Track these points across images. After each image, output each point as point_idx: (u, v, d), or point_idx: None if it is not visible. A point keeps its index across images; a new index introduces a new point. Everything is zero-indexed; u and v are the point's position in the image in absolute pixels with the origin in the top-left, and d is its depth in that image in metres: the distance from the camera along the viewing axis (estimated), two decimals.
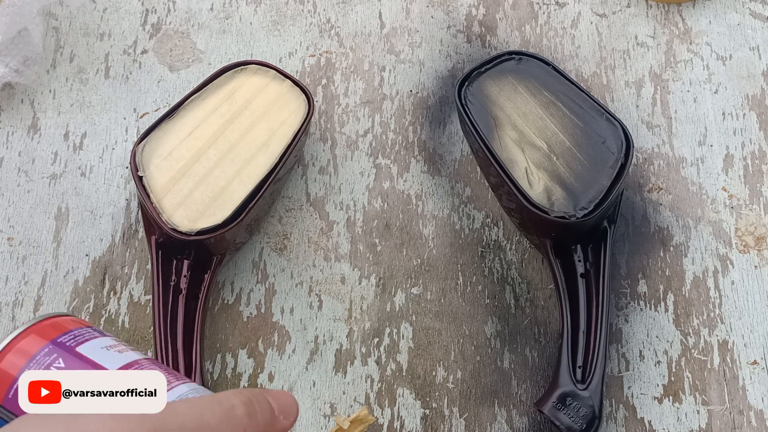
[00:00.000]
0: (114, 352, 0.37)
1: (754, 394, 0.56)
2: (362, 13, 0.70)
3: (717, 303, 0.59)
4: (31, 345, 0.36)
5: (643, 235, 0.61)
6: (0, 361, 0.35)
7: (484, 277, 0.60)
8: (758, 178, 0.63)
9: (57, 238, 0.61)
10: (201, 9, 0.70)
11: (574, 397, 0.52)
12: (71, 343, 0.36)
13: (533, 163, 0.56)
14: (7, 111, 0.65)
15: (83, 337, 0.37)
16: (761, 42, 0.68)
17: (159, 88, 0.66)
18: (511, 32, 0.69)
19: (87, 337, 0.37)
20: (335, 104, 0.66)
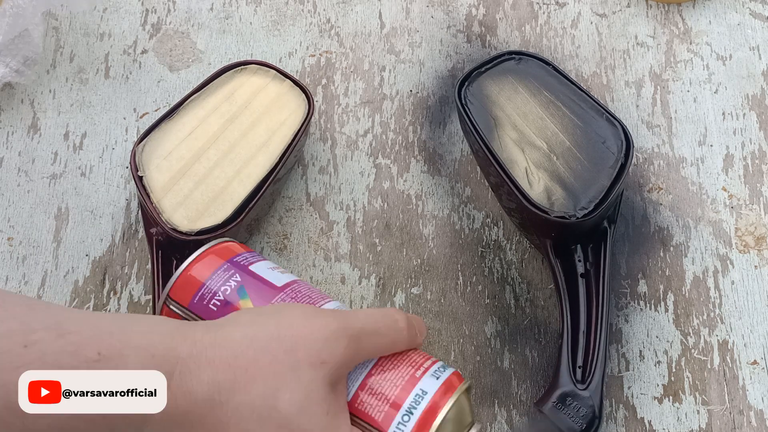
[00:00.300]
0: (277, 273, 0.43)
1: (754, 394, 0.56)
2: (362, 13, 0.70)
3: (717, 303, 0.59)
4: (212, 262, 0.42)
5: (643, 235, 0.61)
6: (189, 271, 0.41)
7: (484, 277, 0.60)
8: (758, 178, 0.63)
9: (57, 238, 0.61)
10: (201, 9, 0.70)
11: (574, 397, 0.52)
12: (244, 262, 0.43)
13: (533, 163, 0.56)
14: (7, 111, 0.65)
15: (253, 258, 0.44)
16: (761, 42, 0.68)
17: (159, 88, 0.66)
18: (511, 32, 0.69)
19: (256, 259, 0.44)
20: (335, 104, 0.66)
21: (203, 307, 0.41)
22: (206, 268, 0.42)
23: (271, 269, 0.43)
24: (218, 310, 0.40)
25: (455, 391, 0.38)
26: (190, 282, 0.41)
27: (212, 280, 0.41)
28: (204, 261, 0.42)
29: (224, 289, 0.41)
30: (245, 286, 0.41)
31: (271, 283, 0.42)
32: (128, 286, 0.59)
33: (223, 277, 0.41)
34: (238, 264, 0.42)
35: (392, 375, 0.38)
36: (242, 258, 0.43)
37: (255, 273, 0.42)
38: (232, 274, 0.42)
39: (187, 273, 0.42)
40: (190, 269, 0.42)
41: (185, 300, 0.41)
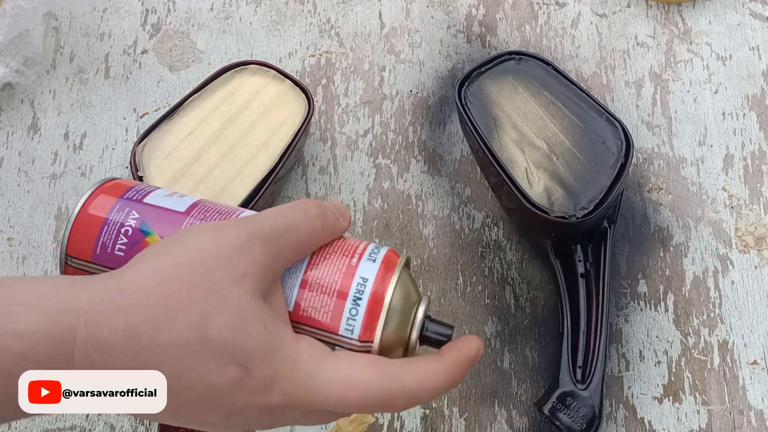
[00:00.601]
0: (177, 198, 0.39)
1: (754, 394, 0.56)
2: (362, 13, 0.70)
3: (717, 303, 0.59)
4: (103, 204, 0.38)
5: (643, 235, 0.61)
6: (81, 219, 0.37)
7: (484, 277, 0.60)
8: (758, 178, 0.63)
9: (57, 238, 0.61)
10: (201, 9, 0.70)
11: (574, 397, 0.52)
12: (137, 196, 0.39)
13: (533, 163, 0.56)
14: (7, 111, 0.65)
15: (145, 191, 0.39)
16: (761, 42, 0.68)
17: (159, 88, 0.66)
18: (511, 32, 0.69)
19: (148, 190, 0.39)
20: (335, 104, 0.66)
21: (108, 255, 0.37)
22: (98, 211, 0.38)
23: (169, 196, 0.39)
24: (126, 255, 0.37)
25: (395, 270, 0.36)
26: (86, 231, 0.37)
27: (108, 224, 0.37)
28: (94, 204, 0.38)
29: (125, 230, 0.37)
30: (146, 220, 0.37)
31: (173, 210, 0.38)
32: None
33: (120, 217, 0.38)
34: (131, 199, 0.38)
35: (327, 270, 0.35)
36: (133, 192, 0.39)
37: (153, 204, 0.38)
38: (128, 211, 0.38)
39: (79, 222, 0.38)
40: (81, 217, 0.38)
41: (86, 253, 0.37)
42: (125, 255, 0.37)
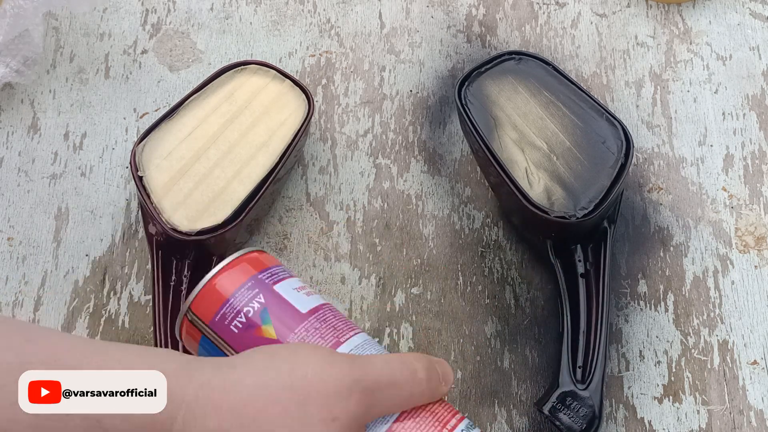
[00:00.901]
0: (303, 295, 0.41)
1: (754, 394, 0.56)
2: (362, 13, 0.70)
3: (717, 303, 0.59)
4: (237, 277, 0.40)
5: (643, 235, 0.61)
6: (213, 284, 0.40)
7: (484, 277, 0.60)
8: (758, 178, 0.63)
9: (57, 238, 0.61)
10: (201, 9, 0.70)
11: (574, 397, 0.52)
12: (269, 280, 0.41)
13: (533, 163, 0.56)
14: (7, 111, 0.65)
15: (278, 276, 0.42)
16: (761, 42, 0.68)
17: (159, 88, 0.66)
18: (511, 32, 0.69)
19: (282, 276, 0.42)
20: (335, 104, 0.66)
21: (224, 327, 0.39)
22: (230, 284, 0.40)
23: (297, 290, 0.41)
24: (239, 333, 0.39)
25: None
26: (213, 296, 0.40)
27: (235, 297, 0.40)
28: (229, 274, 0.40)
29: (247, 310, 0.39)
30: (269, 308, 0.39)
31: (295, 309, 0.40)
32: (128, 286, 0.59)
33: (247, 296, 0.40)
34: (263, 282, 0.41)
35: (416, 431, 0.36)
36: (268, 275, 0.41)
37: (280, 295, 0.40)
38: (257, 293, 0.40)
39: (210, 286, 0.40)
40: (214, 282, 0.40)
41: (207, 316, 0.40)
42: (238, 332, 0.39)
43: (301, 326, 0.39)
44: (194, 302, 0.40)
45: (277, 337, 0.39)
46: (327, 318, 0.40)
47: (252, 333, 0.39)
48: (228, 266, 0.41)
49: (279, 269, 0.42)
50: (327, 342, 0.39)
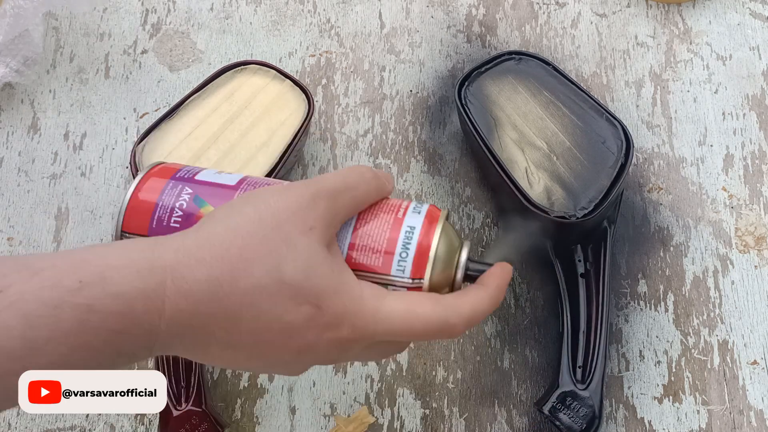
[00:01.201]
0: (225, 174, 0.42)
1: (754, 394, 0.56)
2: (362, 13, 0.70)
3: (717, 303, 0.59)
4: (156, 184, 0.41)
5: (643, 235, 0.61)
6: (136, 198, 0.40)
7: None
8: (758, 178, 0.63)
9: (57, 238, 0.61)
10: (201, 9, 0.70)
11: (574, 397, 0.52)
12: (187, 175, 0.42)
13: (533, 163, 0.56)
14: (7, 111, 0.65)
15: (194, 171, 0.42)
16: (761, 42, 0.68)
17: (159, 88, 0.66)
18: (511, 32, 0.69)
19: (197, 170, 0.42)
20: (335, 104, 0.66)
21: (165, 228, 0.40)
22: (152, 191, 0.40)
23: (217, 173, 0.42)
24: (182, 226, 0.39)
25: (439, 219, 0.40)
26: (141, 208, 0.40)
27: (163, 200, 0.40)
28: (147, 185, 0.41)
29: (180, 204, 0.40)
30: (199, 194, 0.40)
31: (224, 185, 0.41)
32: None
33: (174, 193, 0.40)
34: (182, 178, 0.41)
35: (376, 224, 0.39)
36: (184, 172, 0.42)
37: (204, 181, 0.41)
38: (182, 188, 0.40)
39: (135, 200, 0.40)
40: (136, 196, 0.40)
41: (142, 228, 0.40)
42: (181, 226, 0.40)
43: (236, 194, 0.40)
44: (125, 222, 0.40)
45: None
46: (256, 181, 0.41)
47: (194, 220, 0.39)
48: (144, 179, 0.41)
49: (191, 167, 0.43)
50: None
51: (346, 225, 0.39)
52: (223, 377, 0.57)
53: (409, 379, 0.57)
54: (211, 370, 0.57)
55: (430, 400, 0.56)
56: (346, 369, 0.57)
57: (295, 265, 0.34)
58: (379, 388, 0.57)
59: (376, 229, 0.39)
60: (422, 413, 0.56)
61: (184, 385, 0.52)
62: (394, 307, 0.36)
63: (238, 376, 0.57)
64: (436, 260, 0.39)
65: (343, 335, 0.36)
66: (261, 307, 0.34)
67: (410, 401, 0.56)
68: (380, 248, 0.38)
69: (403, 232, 0.39)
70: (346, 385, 0.57)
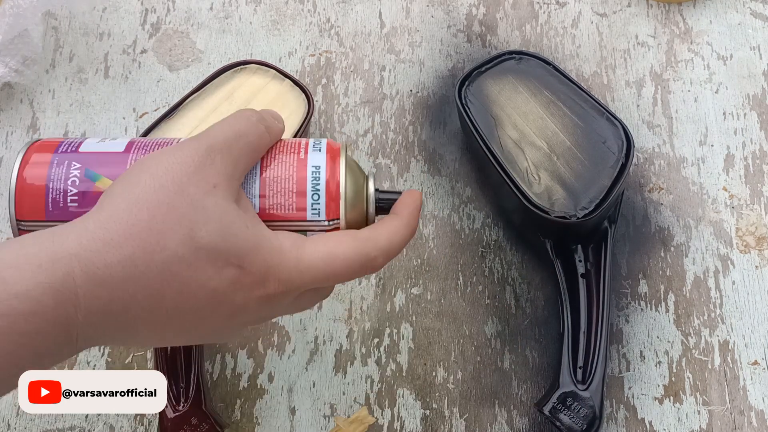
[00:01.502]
0: (110, 141, 0.39)
1: (754, 395, 0.56)
2: (362, 13, 0.70)
3: (718, 303, 0.59)
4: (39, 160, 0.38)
5: (644, 235, 0.61)
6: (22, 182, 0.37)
7: (485, 278, 0.60)
8: (759, 178, 0.63)
9: None
10: (200, 8, 0.70)
11: (575, 398, 0.52)
12: (70, 148, 0.39)
13: (533, 163, 0.56)
14: (6, 111, 0.65)
15: (76, 142, 0.39)
16: (762, 42, 0.68)
17: (158, 87, 0.66)
18: (511, 32, 0.68)
19: (79, 141, 0.39)
20: (335, 104, 0.66)
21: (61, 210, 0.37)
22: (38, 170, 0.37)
23: (101, 141, 0.39)
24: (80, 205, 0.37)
25: (341, 155, 0.39)
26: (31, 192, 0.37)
27: (53, 179, 0.37)
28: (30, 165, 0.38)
29: (72, 181, 0.37)
30: (89, 167, 0.37)
31: (112, 152, 0.38)
32: None
33: (61, 170, 0.37)
34: (66, 152, 0.38)
35: (280, 168, 0.38)
36: (65, 146, 0.39)
37: (90, 151, 0.38)
38: (68, 163, 0.37)
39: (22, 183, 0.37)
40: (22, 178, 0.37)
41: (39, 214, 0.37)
42: (79, 205, 0.37)
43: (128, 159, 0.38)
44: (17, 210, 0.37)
45: None
46: (146, 143, 0.39)
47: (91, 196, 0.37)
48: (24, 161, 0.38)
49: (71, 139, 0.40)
50: None
51: (251, 175, 0.38)
52: (223, 377, 0.57)
53: (409, 379, 0.57)
54: (211, 370, 0.57)
55: (430, 401, 0.56)
56: (346, 369, 0.57)
57: (208, 227, 0.33)
58: (379, 388, 0.57)
59: (281, 174, 0.38)
60: (422, 414, 0.56)
61: (184, 386, 0.52)
62: (315, 252, 0.35)
63: (237, 376, 0.57)
64: (347, 197, 0.38)
65: (271, 291, 0.35)
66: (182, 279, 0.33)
67: (410, 402, 0.56)
68: (291, 195, 0.37)
69: (309, 173, 0.38)
70: (346, 386, 0.57)
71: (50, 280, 0.30)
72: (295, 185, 0.37)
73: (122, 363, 0.57)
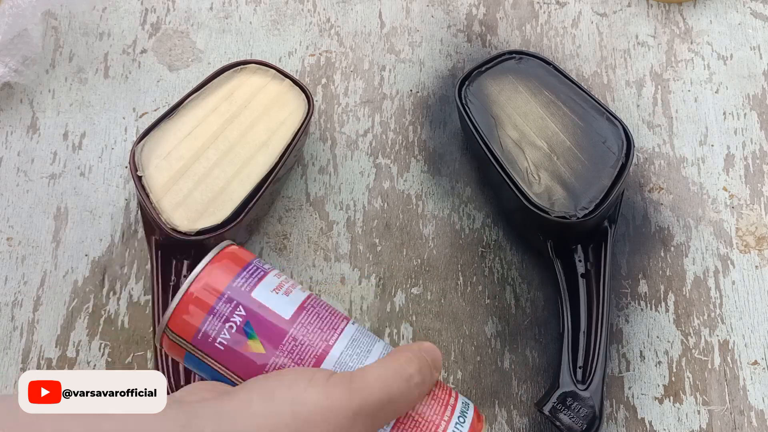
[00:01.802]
0: (282, 295, 0.40)
1: (754, 395, 0.56)
2: (362, 13, 0.70)
3: (717, 303, 0.59)
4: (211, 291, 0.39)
5: (644, 235, 0.61)
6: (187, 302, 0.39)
7: (485, 277, 0.60)
8: (759, 178, 0.63)
9: (56, 238, 0.61)
10: (200, 8, 0.70)
11: (575, 398, 0.52)
12: (245, 287, 0.40)
13: (533, 163, 0.56)
14: (6, 111, 0.65)
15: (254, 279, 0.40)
16: (762, 41, 0.68)
17: (158, 87, 0.66)
18: (511, 31, 0.68)
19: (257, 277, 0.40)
20: (335, 104, 0.66)
21: (208, 344, 0.39)
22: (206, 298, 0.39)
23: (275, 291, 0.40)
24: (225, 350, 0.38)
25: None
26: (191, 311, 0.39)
27: (215, 314, 0.39)
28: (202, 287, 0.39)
29: (229, 326, 0.38)
30: (251, 321, 0.39)
31: (278, 316, 0.39)
32: (128, 286, 0.59)
33: (226, 310, 0.39)
34: (239, 291, 0.40)
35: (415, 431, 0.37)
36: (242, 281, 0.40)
37: (260, 302, 0.39)
38: (236, 305, 0.39)
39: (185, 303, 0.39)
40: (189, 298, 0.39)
41: (187, 335, 0.39)
42: (224, 349, 0.38)
43: (288, 336, 0.39)
44: (171, 319, 0.39)
45: (265, 351, 0.38)
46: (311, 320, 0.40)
47: (239, 349, 0.38)
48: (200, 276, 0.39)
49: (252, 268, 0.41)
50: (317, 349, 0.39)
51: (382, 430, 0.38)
52: None
53: None
54: None
55: None
56: None
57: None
58: None
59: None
60: None
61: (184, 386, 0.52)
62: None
63: None
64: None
65: None
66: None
67: None
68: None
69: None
70: None
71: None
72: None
73: (122, 363, 0.57)
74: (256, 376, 0.38)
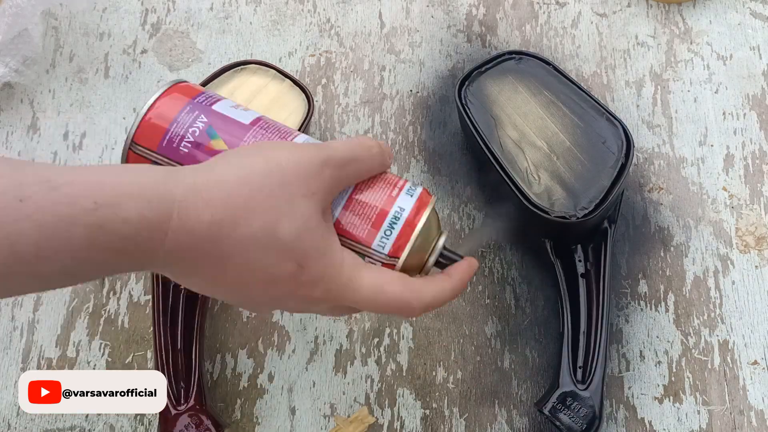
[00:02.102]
0: (241, 110, 0.43)
1: (754, 394, 0.56)
2: (362, 13, 0.70)
3: (717, 303, 0.59)
4: (174, 104, 0.42)
5: (644, 235, 0.61)
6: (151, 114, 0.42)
7: (485, 277, 0.60)
8: (759, 178, 0.63)
9: None
10: (201, 9, 0.70)
11: (575, 398, 0.52)
12: (206, 102, 0.43)
13: (533, 163, 0.56)
14: (6, 111, 0.65)
15: (213, 98, 0.44)
16: (762, 42, 0.68)
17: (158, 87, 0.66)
18: (511, 32, 0.69)
19: (216, 98, 0.44)
20: (335, 104, 0.66)
21: (173, 149, 0.41)
22: (169, 110, 0.42)
23: (234, 107, 0.43)
24: (189, 152, 0.41)
25: (427, 207, 0.42)
26: (155, 125, 0.42)
27: (178, 123, 0.41)
28: (165, 102, 0.42)
29: (192, 131, 0.41)
30: (213, 125, 0.42)
31: (238, 122, 0.42)
32: (128, 286, 0.59)
33: (189, 118, 0.42)
34: (200, 104, 0.43)
35: (371, 197, 0.41)
36: (203, 98, 0.43)
37: (220, 113, 0.42)
38: (197, 115, 0.42)
39: (150, 116, 0.42)
40: (152, 112, 0.42)
41: (152, 144, 0.41)
42: (188, 152, 0.41)
43: (248, 134, 0.42)
44: (137, 134, 0.41)
45: (227, 147, 0.41)
46: (269, 125, 0.43)
47: (202, 149, 0.41)
48: (163, 95, 0.42)
49: (211, 93, 0.44)
50: None
51: (343, 191, 0.41)
52: (223, 377, 0.57)
53: (409, 379, 0.57)
54: (211, 370, 0.57)
55: (430, 401, 0.56)
56: (346, 369, 0.57)
57: (291, 224, 0.37)
58: (379, 388, 0.57)
59: (369, 202, 0.41)
60: (422, 413, 0.56)
61: (184, 386, 0.52)
62: (367, 280, 0.39)
63: (237, 376, 0.57)
64: (415, 244, 0.41)
65: (315, 295, 0.39)
66: (251, 256, 0.37)
67: (410, 401, 0.56)
68: (368, 221, 0.41)
69: (392, 211, 0.41)
70: (346, 386, 0.57)
71: (152, 216, 0.35)
72: (375, 216, 0.41)
73: (122, 363, 0.57)
74: None
